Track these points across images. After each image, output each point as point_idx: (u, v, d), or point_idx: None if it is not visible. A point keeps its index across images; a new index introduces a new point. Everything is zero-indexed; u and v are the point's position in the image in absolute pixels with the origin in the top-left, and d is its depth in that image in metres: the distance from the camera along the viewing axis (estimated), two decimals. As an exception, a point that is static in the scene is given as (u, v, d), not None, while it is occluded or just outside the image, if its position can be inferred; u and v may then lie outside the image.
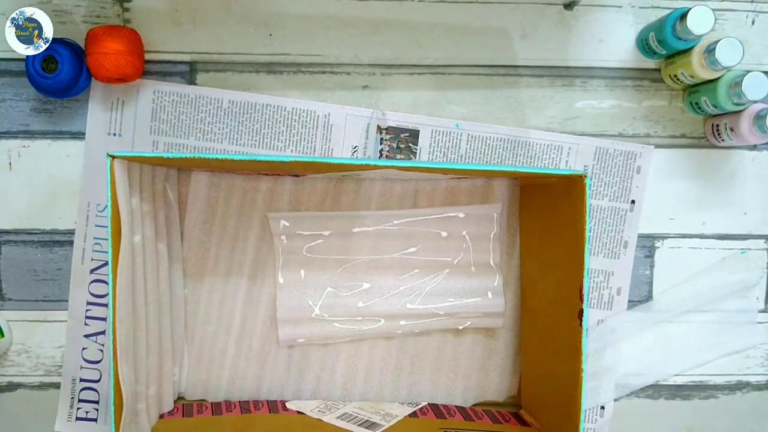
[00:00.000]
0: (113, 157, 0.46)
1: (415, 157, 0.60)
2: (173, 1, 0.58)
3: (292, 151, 0.60)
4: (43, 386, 0.60)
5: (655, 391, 0.62)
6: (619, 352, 0.61)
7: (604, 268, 0.61)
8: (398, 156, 0.60)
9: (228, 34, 0.59)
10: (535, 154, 0.60)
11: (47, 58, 0.54)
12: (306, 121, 0.59)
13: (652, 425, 0.62)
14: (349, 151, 0.60)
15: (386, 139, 0.59)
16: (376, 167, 0.47)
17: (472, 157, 0.60)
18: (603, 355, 0.61)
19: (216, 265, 0.59)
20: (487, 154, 0.60)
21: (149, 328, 0.53)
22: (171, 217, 0.57)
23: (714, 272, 0.62)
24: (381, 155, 0.60)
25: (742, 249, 0.62)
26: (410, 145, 0.59)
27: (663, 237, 0.62)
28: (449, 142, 0.60)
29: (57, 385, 0.60)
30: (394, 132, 0.59)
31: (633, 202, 0.61)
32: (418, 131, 0.59)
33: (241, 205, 0.58)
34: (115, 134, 0.59)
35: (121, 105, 0.59)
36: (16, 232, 0.60)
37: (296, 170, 0.53)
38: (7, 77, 0.59)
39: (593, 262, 0.61)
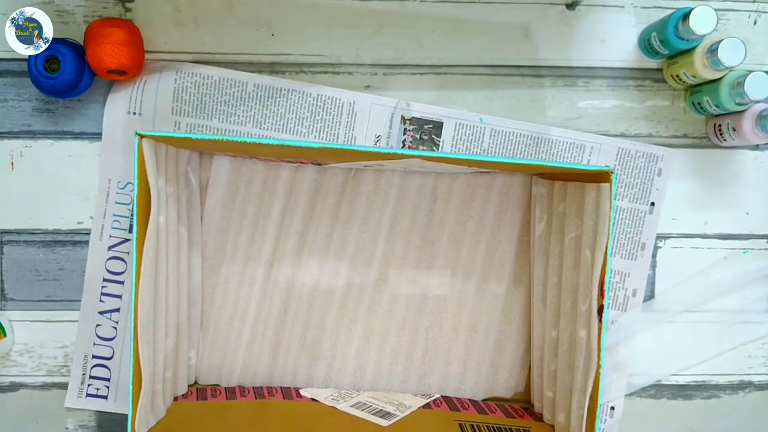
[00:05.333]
0: (141, 135, 0.47)
1: (438, 150, 0.60)
2: (175, 1, 0.58)
3: (315, 137, 0.60)
4: (45, 386, 0.60)
5: (658, 390, 0.62)
6: (630, 350, 0.61)
7: (621, 269, 0.61)
8: (421, 147, 0.60)
9: (230, 34, 0.59)
10: (558, 151, 0.60)
11: (49, 58, 0.54)
12: (330, 108, 0.59)
13: (654, 425, 0.62)
14: (372, 140, 0.60)
15: (410, 130, 0.59)
16: (403, 156, 0.47)
17: (495, 152, 0.60)
18: (612, 354, 0.61)
19: (234, 251, 0.59)
20: (510, 149, 0.60)
21: (168, 311, 0.54)
22: (192, 201, 0.57)
23: (716, 271, 0.62)
24: (404, 146, 0.60)
25: (744, 249, 0.62)
26: (433, 136, 0.59)
27: (665, 237, 0.62)
28: (472, 135, 0.60)
29: (60, 386, 0.60)
30: (418, 123, 0.59)
31: (653, 204, 0.61)
32: (442, 123, 0.59)
33: (262, 192, 0.59)
34: (134, 113, 0.58)
35: (143, 84, 0.58)
36: (18, 232, 0.60)
37: (321, 157, 0.53)
38: (9, 77, 0.59)
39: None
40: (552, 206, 0.56)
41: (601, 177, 0.49)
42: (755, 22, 0.60)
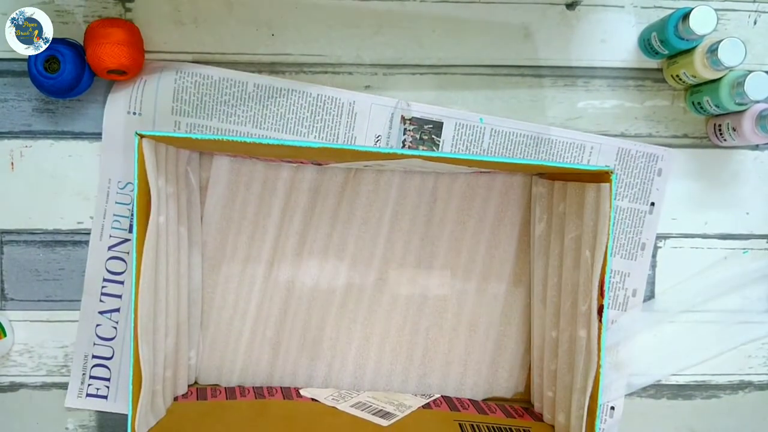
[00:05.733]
0: (142, 135, 0.47)
1: (438, 150, 0.60)
2: (175, 1, 0.58)
3: (315, 137, 0.60)
4: (45, 386, 0.60)
5: (657, 390, 0.62)
6: (630, 350, 0.61)
7: (621, 269, 0.61)
8: (421, 147, 0.60)
9: (230, 34, 0.59)
10: (558, 152, 0.60)
11: (49, 58, 0.54)
12: (330, 108, 0.59)
13: (654, 425, 0.62)
14: (372, 140, 0.60)
15: (410, 130, 0.59)
16: (403, 156, 0.48)
17: (495, 152, 0.60)
18: (612, 354, 0.61)
19: (234, 251, 0.59)
20: (510, 149, 0.60)
21: (168, 311, 0.54)
22: (192, 201, 0.58)
23: (716, 271, 0.62)
24: (404, 146, 0.60)
25: (744, 249, 0.62)
26: (433, 137, 0.60)
27: (665, 237, 0.62)
28: (472, 135, 0.60)
29: (60, 386, 0.60)
30: (418, 123, 0.59)
31: (653, 204, 0.61)
32: (442, 123, 0.60)
33: (262, 192, 0.59)
34: (134, 113, 0.58)
35: (143, 84, 0.58)
36: (18, 232, 0.60)
37: (321, 157, 0.53)
38: (9, 77, 0.59)
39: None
40: (552, 206, 0.56)
41: (601, 177, 0.49)
42: (755, 22, 0.60)
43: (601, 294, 0.48)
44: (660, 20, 0.58)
